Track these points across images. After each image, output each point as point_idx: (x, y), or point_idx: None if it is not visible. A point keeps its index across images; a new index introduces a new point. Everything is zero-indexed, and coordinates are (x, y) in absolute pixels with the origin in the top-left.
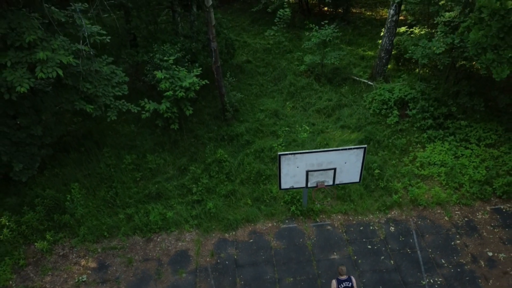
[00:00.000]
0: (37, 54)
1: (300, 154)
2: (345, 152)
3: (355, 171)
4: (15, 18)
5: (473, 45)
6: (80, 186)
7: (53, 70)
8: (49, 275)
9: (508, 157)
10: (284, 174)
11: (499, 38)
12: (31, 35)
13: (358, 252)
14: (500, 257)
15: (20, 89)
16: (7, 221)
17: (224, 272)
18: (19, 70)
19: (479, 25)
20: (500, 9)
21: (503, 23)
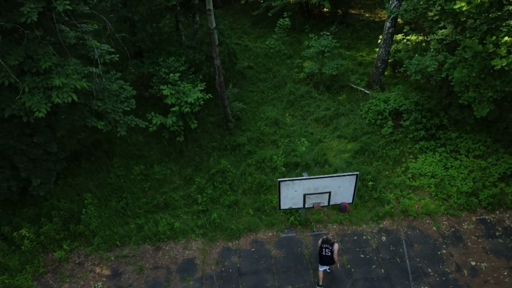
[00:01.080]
0: (54, 81)
1: (298, 180)
2: (339, 178)
3: (348, 194)
4: (31, 45)
5: (457, 83)
6: (93, 196)
7: (68, 95)
8: (67, 282)
9: (495, 168)
10: (283, 196)
11: (480, 78)
12: (47, 61)
13: (352, 261)
14: (482, 266)
15: (39, 114)
16: (27, 232)
17: (228, 280)
18: (36, 95)
19: (463, 64)
20: (482, 52)
21: (484, 64)
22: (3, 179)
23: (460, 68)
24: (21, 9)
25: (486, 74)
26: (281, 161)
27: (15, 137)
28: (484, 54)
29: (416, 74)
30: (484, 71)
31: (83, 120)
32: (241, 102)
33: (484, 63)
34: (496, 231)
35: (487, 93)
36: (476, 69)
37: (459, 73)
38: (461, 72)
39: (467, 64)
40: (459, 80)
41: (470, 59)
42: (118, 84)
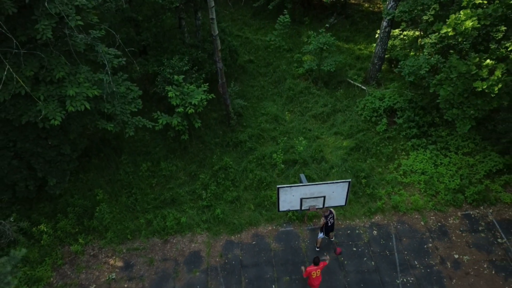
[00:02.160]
0: (67, 90)
1: (295, 187)
2: (333, 184)
3: (341, 197)
4: (45, 55)
5: (443, 100)
6: (104, 192)
7: (81, 103)
8: (84, 273)
9: (481, 166)
10: (282, 200)
11: (463, 97)
12: (60, 71)
13: (345, 254)
14: (464, 259)
15: (54, 122)
16: (45, 227)
17: (231, 272)
18: (51, 103)
19: (449, 81)
20: (466, 73)
21: (467, 85)
22: (21, 178)
23: (446, 86)
24: (36, 26)
25: (469, 93)
26: (280, 158)
27: (31, 141)
28: (468, 75)
29: (409, 75)
30: (467, 90)
31: (94, 123)
32: (242, 97)
33: (467, 83)
34: (479, 226)
35: (469, 111)
36: (460, 88)
37: (445, 91)
38: (446, 91)
39: (452, 82)
40: (444, 97)
41: (455, 79)
42: (125, 85)
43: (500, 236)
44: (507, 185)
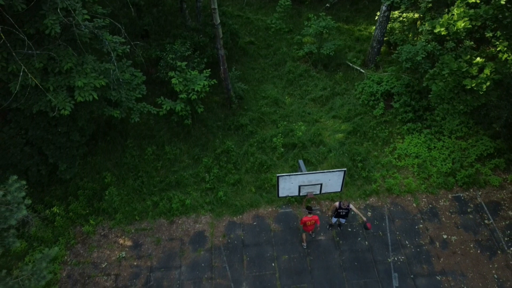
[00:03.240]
0: (76, 81)
1: (294, 175)
2: (330, 173)
3: (337, 184)
4: (52, 47)
5: (434, 96)
6: (111, 175)
7: (89, 94)
8: (95, 252)
9: (473, 150)
10: (281, 188)
11: (454, 93)
12: (68, 62)
13: (340, 234)
14: (452, 239)
15: (64, 112)
16: (57, 209)
17: (233, 251)
18: (60, 93)
19: (441, 77)
20: (457, 70)
21: (458, 81)
22: (34, 164)
23: (438, 82)
24: (44, 21)
25: (459, 90)
26: (280, 142)
27: (41, 128)
28: (459, 73)
29: (406, 61)
30: (458, 87)
31: (100, 110)
32: (243, 80)
33: (458, 80)
34: (468, 208)
35: (458, 106)
36: (451, 85)
37: (437, 87)
38: (438, 86)
39: (444, 78)
40: (436, 93)
41: (447, 75)
42: (129, 71)
43: (487, 218)
44: (496, 169)
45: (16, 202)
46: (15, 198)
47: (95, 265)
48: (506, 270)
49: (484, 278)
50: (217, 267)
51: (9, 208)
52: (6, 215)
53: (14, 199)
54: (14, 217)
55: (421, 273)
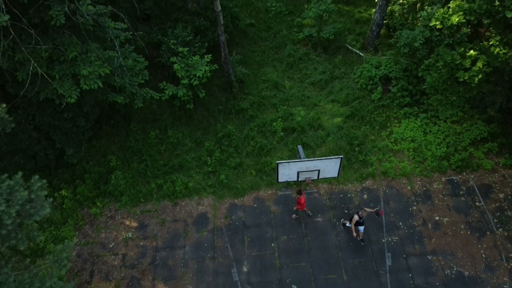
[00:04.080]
0: (81, 70)
1: (293, 162)
2: (327, 160)
3: (334, 170)
4: (57, 36)
5: (428, 86)
6: (116, 159)
7: (94, 82)
8: (103, 232)
9: (467, 134)
10: (281, 173)
11: (447, 84)
12: (73, 51)
13: (337, 216)
14: (444, 221)
15: (70, 100)
16: (66, 192)
17: (235, 232)
18: (66, 82)
19: (435, 68)
20: (451, 62)
21: (451, 73)
22: (42, 148)
23: (433, 73)
24: (50, 12)
25: (452, 81)
26: (280, 127)
27: (48, 114)
28: (452, 65)
29: (404, 47)
30: (451, 79)
31: (105, 96)
32: (243, 63)
33: (451, 72)
34: (460, 190)
35: (451, 97)
36: (445, 76)
37: (431, 78)
38: (433, 77)
39: (438, 69)
40: (430, 84)
41: (441, 67)
42: (132, 57)
43: (478, 200)
44: (489, 153)
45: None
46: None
47: (103, 245)
48: (493, 250)
49: (473, 258)
50: (219, 247)
51: (33, 206)
52: (31, 212)
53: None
54: (38, 214)
55: (413, 253)
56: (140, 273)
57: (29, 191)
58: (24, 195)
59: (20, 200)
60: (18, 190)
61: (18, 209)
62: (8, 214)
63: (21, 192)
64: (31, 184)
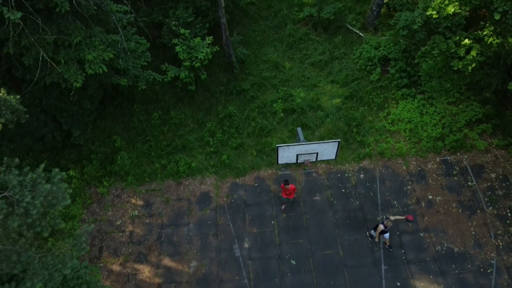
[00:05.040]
0: (86, 55)
1: (292, 146)
2: (325, 144)
3: (332, 153)
4: (62, 22)
5: (424, 73)
6: (121, 139)
7: (99, 67)
8: (110, 210)
9: (463, 115)
10: (280, 156)
11: (442, 72)
12: (77, 36)
13: (335, 195)
14: (437, 200)
15: (76, 84)
16: (73, 172)
17: (237, 210)
18: (71, 66)
19: (431, 55)
20: (446, 50)
21: (446, 61)
22: (49, 130)
23: (429, 60)
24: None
25: (447, 69)
26: (280, 108)
27: (54, 98)
28: (447, 53)
29: (403, 29)
30: (446, 66)
31: (109, 79)
32: (244, 43)
33: (446, 60)
34: (454, 170)
35: (446, 84)
36: (440, 64)
37: (427, 65)
38: (428, 64)
39: (434, 57)
40: (426, 71)
41: (436, 55)
42: (134, 39)
43: (471, 180)
44: (483, 133)
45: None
46: (59, 188)
47: (111, 223)
48: (483, 228)
49: (463, 235)
50: (222, 224)
51: (55, 197)
52: (53, 203)
53: (59, 189)
54: (60, 204)
55: (406, 230)
56: (146, 249)
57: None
58: (47, 188)
59: (44, 192)
60: (41, 182)
61: (41, 200)
62: (33, 205)
63: (44, 185)
64: (51, 177)
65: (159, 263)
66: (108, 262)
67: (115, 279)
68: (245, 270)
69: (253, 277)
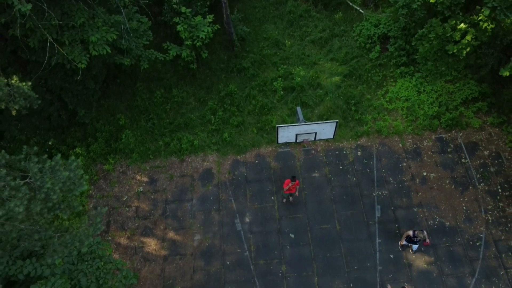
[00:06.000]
0: (89, 36)
1: (292, 126)
2: (323, 124)
3: (330, 133)
4: (65, 3)
5: (420, 56)
6: (125, 117)
7: (103, 48)
8: (116, 187)
9: (459, 93)
10: (280, 136)
11: (438, 55)
12: (81, 17)
13: (332, 171)
14: (431, 176)
15: (81, 65)
16: (80, 150)
17: (238, 186)
18: (75, 47)
19: (427, 39)
20: (442, 34)
21: (442, 45)
22: (55, 109)
23: (425, 43)
24: None
25: (442, 53)
26: (280, 86)
27: (59, 78)
28: (443, 37)
29: (402, 8)
30: (441, 50)
31: (112, 58)
32: (245, 20)
33: (442, 44)
34: (448, 148)
35: (441, 67)
36: (435, 48)
37: (423, 48)
38: (425, 47)
39: (430, 40)
40: (422, 54)
41: (433, 38)
42: (136, 18)
43: (464, 157)
44: (478, 112)
45: (77, 178)
46: (76, 175)
47: (117, 198)
48: (474, 203)
49: (455, 210)
50: (224, 200)
51: (73, 182)
52: (71, 188)
53: (75, 176)
54: (77, 189)
55: (400, 206)
56: (152, 223)
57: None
58: (65, 174)
59: (62, 178)
60: (59, 169)
61: (60, 186)
62: (53, 191)
63: (62, 172)
64: (68, 164)
65: (165, 237)
66: (116, 236)
67: (123, 251)
68: (246, 243)
69: (254, 250)
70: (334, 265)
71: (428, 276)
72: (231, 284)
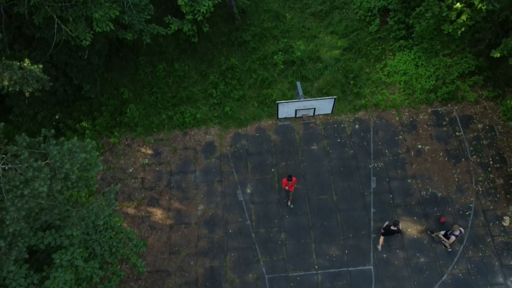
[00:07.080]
0: (93, 14)
1: (292, 102)
2: (322, 100)
3: (328, 108)
4: None
5: (417, 35)
6: (128, 91)
7: (106, 25)
8: (122, 159)
9: (457, 67)
10: (280, 111)
11: (433, 34)
12: None
13: (331, 144)
14: (425, 149)
15: (85, 42)
16: (86, 124)
17: (239, 158)
18: (79, 24)
19: (424, 17)
20: (438, 14)
21: (438, 24)
22: (60, 85)
23: (422, 22)
24: None
25: (438, 32)
26: (280, 60)
27: (64, 54)
28: (440, 16)
29: None
30: (437, 29)
31: (115, 33)
32: None
33: (438, 23)
34: (443, 121)
35: (436, 45)
36: (432, 27)
37: (419, 27)
38: (421, 26)
39: (427, 19)
40: (418, 33)
41: (429, 17)
42: None
43: (459, 130)
44: (474, 85)
45: (93, 159)
46: (92, 156)
47: (123, 170)
48: (465, 175)
49: (447, 181)
50: (226, 172)
51: (89, 163)
52: (88, 168)
53: (91, 157)
54: (93, 170)
55: (395, 177)
56: (158, 194)
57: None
58: (82, 156)
59: (80, 160)
60: (76, 151)
61: (78, 167)
62: (72, 171)
63: (80, 154)
64: (84, 146)
65: (170, 207)
66: (123, 206)
67: (131, 220)
68: (248, 212)
69: (254, 219)
70: (331, 233)
71: (418, 244)
72: (233, 250)
